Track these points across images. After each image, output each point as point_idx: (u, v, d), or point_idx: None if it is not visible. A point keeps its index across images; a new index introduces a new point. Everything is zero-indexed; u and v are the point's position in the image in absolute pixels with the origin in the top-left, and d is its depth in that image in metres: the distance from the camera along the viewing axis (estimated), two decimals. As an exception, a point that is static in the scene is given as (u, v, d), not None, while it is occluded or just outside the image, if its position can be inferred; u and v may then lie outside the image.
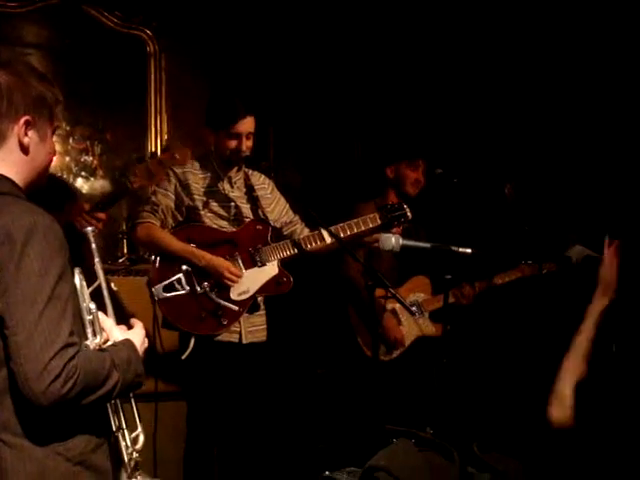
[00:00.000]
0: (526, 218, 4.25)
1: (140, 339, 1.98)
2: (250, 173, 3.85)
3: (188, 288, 3.57)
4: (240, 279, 3.60)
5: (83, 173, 5.14)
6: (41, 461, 1.78)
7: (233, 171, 3.79)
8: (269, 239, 3.73)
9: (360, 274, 4.15)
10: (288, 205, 3.93)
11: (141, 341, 1.98)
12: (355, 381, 4.15)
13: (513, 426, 3.94)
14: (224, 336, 3.63)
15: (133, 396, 2.02)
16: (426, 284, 4.41)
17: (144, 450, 1.97)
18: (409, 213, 3.74)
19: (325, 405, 4.58)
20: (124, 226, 4.88)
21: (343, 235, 3.62)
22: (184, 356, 3.56)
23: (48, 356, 1.69)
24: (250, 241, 3.69)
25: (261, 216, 3.77)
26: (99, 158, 5.18)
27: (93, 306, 1.92)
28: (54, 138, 2.00)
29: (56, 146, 2.00)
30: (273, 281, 3.70)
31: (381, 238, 3.06)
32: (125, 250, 4.77)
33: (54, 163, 4.90)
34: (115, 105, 5.18)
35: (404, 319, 4.32)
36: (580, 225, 4.38)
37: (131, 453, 1.93)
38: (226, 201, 3.75)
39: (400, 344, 4.24)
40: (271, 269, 3.69)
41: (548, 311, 4.07)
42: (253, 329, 3.73)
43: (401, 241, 2.98)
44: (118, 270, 4.35)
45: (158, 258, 3.63)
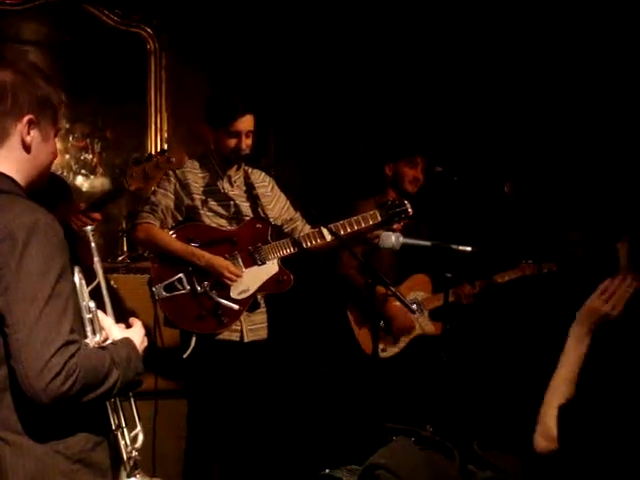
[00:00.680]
0: (526, 216, 4.25)
1: (139, 338, 1.98)
2: (250, 171, 3.85)
3: (189, 288, 3.57)
4: (240, 278, 3.60)
5: (83, 171, 5.14)
6: (40, 459, 1.78)
7: (233, 170, 3.78)
8: (269, 238, 3.73)
9: (357, 272, 4.15)
10: (289, 202, 3.93)
11: (140, 340, 1.98)
12: (355, 379, 4.15)
13: (513, 424, 3.94)
14: (225, 335, 3.64)
15: (132, 394, 2.02)
16: (426, 282, 4.41)
17: (143, 448, 1.97)
18: (410, 209, 3.73)
19: (325, 403, 4.58)
20: (124, 224, 4.88)
21: (343, 233, 3.61)
22: (185, 355, 3.57)
23: (49, 353, 1.69)
24: (250, 240, 3.69)
25: (261, 214, 3.77)
26: (99, 156, 5.18)
27: (93, 304, 1.92)
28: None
29: (56, 144, 2.01)
30: (273, 279, 3.70)
31: (381, 236, 3.07)
32: (125, 248, 4.77)
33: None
34: (115, 103, 5.18)
35: (404, 317, 4.31)
36: (580, 223, 4.38)
37: (130, 452, 1.93)
38: (226, 200, 3.74)
39: (408, 329, 4.23)
40: (271, 267, 3.69)
41: (548, 310, 4.07)
42: (254, 327, 3.73)
43: (401, 239, 2.98)
44: (118, 268, 4.35)
45: (158, 258, 3.64)
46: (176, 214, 3.68)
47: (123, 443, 1.92)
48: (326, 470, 3.04)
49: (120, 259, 4.63)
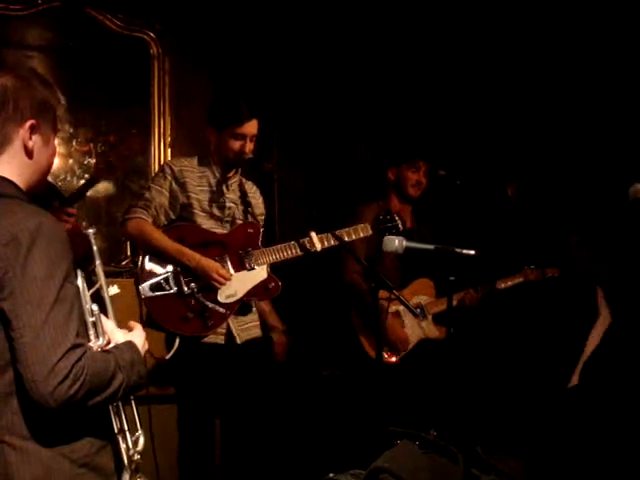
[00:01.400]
0: (529, 220, 4.25)
1: (141, 341, 1.98)
2: (244, 181, 3.85)
3: (175, 288, 3.52)
4: (228, 281, 3.57)
5: (86, 175, 5.14)
6: (46, 463, 1.78)
7: (230, 173, 3.77)
8: (260, 243, 3.71)
9: (361, 277, 4.14)
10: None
11: (142, 343, 1.98)
12: (359, 383, 4.14)
13: (516, 428, 3.94)
14: (210, 338, 3.59)
15: (133, 398, 2.02)
16: (430, 286, 4.41)
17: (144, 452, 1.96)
18: (400, 225, 3.74)
19: (329, 407, 4.58)
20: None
21: (330, 244, 3.62)
22: (168, 356, 3.49)
23: (56, 357, 1.69)
24: (240, 244, 3.66)
25: (253, 220, 3.76)
26: (102, 160, 5.18)
27: (95, 308, 1.92)
28: (55, 140, 2.01)
29: (59, 148, 2.02)
30: (262, 285, 3.66)
31: (384, 240, 3.06)
32: (128, 252, 4.77)
33: (58, 165, 4.94)
34: (118, 107, 5.18)
35: (407, 321, 4.31)
36: (583, 227, 4.37)
37: (132, 455, 1.93)
38: (220, 202, 3.72)
39: (403, 346, 4.23)
40: (260, 273, 3.65)
41: (551, 315, 4.06)
42: (245, 327, 3.70)
43: (404, 243, 2.98)
44: (122, 272, 4.34)
45: (147, 256, 3.57)
46: (169, 212, 3.64)
47: (124, 446, 1.92)
48: (330, 474, 3.04)
49: (123, 264, 4.63)
